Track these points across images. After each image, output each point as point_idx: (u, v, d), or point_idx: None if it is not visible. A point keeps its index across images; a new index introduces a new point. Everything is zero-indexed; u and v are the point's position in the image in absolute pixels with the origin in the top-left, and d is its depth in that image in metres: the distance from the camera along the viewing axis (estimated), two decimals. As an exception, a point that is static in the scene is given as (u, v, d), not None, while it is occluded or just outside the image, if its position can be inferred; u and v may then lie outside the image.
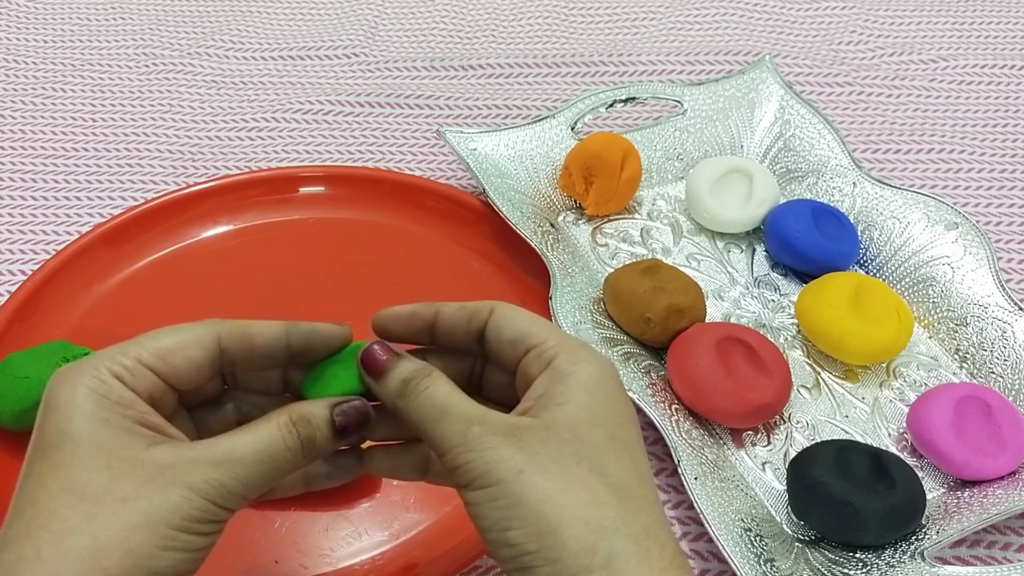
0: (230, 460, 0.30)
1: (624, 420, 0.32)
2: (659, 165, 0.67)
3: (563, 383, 0.31)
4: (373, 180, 0.65)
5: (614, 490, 0.29)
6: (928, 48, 0.82)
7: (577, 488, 0.29)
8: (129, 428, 0.29)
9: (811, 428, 0.52)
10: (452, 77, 0.78)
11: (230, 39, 0.81)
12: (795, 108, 0.67)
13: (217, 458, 0.30)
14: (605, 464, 0.30)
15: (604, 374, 0.32)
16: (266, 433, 0.31)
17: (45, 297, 0.56)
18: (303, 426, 0.31)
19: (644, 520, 0.29)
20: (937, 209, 0.60)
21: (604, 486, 0.29)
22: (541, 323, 0.34)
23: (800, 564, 0.45)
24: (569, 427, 0.30)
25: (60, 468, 0.28)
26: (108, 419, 0.29)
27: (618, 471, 0.30)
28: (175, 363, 0.31)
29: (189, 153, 0.71)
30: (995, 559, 0.48)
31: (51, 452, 0.29)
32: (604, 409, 0.31)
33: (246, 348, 0.33)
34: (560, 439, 0.30)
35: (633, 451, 0.31)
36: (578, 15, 0.85)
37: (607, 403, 0.31)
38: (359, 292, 0.59)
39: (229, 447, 0.30)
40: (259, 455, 0.30)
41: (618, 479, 0.30)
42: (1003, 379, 0.54)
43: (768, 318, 0.58)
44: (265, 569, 0.46)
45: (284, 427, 0.31)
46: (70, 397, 0.29)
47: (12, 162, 0.69)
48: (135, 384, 0.30)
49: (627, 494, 0.30)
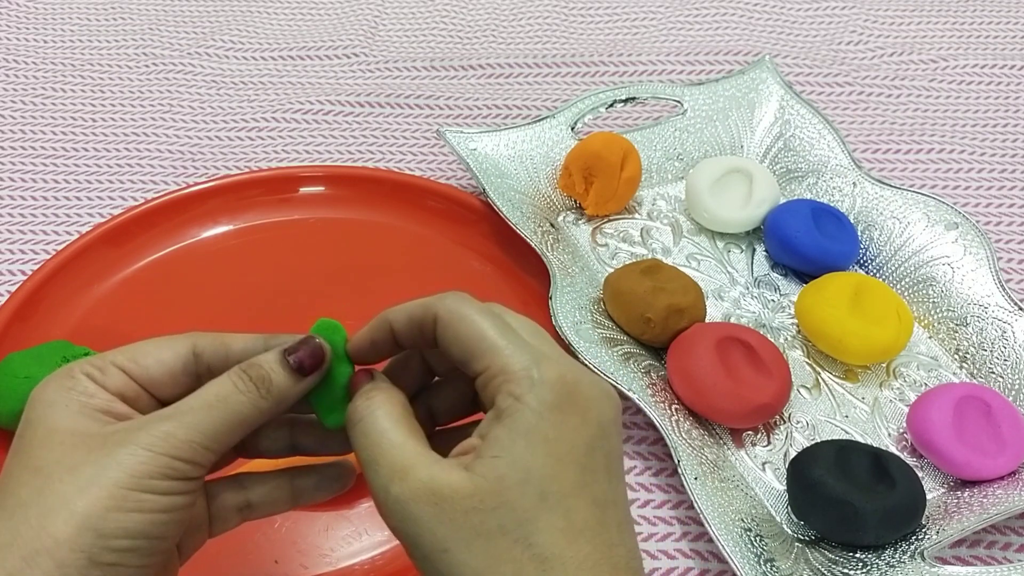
0: (178, 411, 0.30)
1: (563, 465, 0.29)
2: (659, 165, 0.67)
3: (502, 425, 0.29)
4: (373, 180, 0.65)
5: (539, 560, 0.28)
6: (928, 48, 0.82)
7: (504, 563, 0.28)
8: (91, 414, 0.30)
9: (811, 428, 0.52)
10: (452, 77, 0.78)
11: (230, 39, 0.81)
12: (795, 108, 0.67)
13: (166, 413, 0.30)
14: (531, 532, 0.28)
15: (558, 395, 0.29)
16: (216, 384, 0.31)
17: (45, 297, 0.56)
18: (253, 370, 0.31)
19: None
20: (937, 209, 0.60)
21: (529, 558, 0.28)
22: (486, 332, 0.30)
23: (800, 564, 0.45)
24: (496, 491, 0.28)
25: (20, 453, 0.29)
26: (69, 404, 0.30)
27: (546, 538, 0.28)
28: (146, 363, 0.32)
29: (189, 153, 0.71)
30: (995, 559, 0.48)
31: (17, 441, 0.30)
32: (539, 460, 0.29)
33: (221, 354, 0.33)
34: (485, 508, 0.28)
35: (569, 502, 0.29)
36: (578, 15, 0.85)
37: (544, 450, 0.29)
38: (359, 292, 0.59)
39: (180, 404, 0.30)
40: (208, 402, 0.30)
41: (545, 547, 0.28)
42: (1003, 379, 0.54)
43: (768, 318, 0.58)
44: (265, 569, 0.46)
45: (235, 374, 0.31)
46: (39, 393, 0.30)
47: (12, 162, 0.69)
48: (104, 381, 0.31)
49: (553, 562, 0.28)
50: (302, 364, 0.32)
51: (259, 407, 0.31)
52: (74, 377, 0.30)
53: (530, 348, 0.30)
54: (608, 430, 0.30)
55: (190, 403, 0.30)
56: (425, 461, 0.29)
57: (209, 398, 0.30)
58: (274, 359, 0.32)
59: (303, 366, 0.32)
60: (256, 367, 0.31)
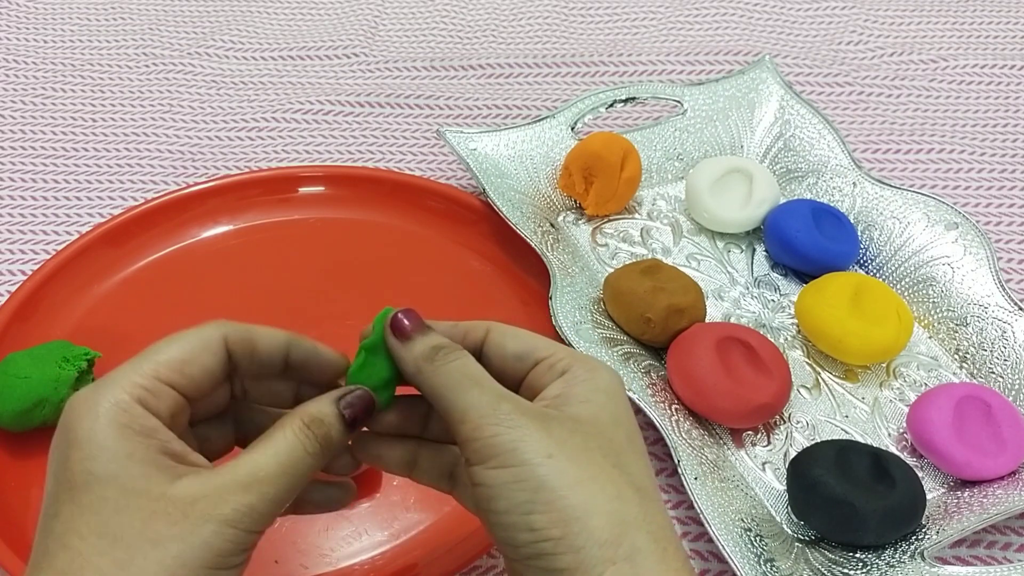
0: (257, 480, 0.29)
1: (637, 428, 0.33)
2: (659, 165, 0.67)
3: (582, 385, 0.32)
4: (373, 180, 0.65)
5: (635, 488, 0.30)
6: (928, 48, 0.82)
7: (603, 481, 0.29)
8: (154, 460, 0.28)
9: (811, 428, 0.52)
10: (452, 77, 0.78)
11: (230, 39, 0.81)
12: (795, 108, 0.67)
13: (244, 481, 0.29)
14: (627, 463, 0.30)
15: (619, 384, 0.33)
16: (285, 443, 0.30)
17: (45, 297, 0.56)
18: (317, 427, 0.31)
19: (660, 520, 0.30)
20: (937, 209, 0.60)
21: (627, 483, 0.30)
22: (544, 338, 0.34)
23: (800, 564, 0.45)
24: (593, 423, 0.31)
25: (89, 511, 0.27)
26: (133, 453, 0.28)
27: (638, 471, 0.31)
28: (193, 373, 0.31)
29: (189, 153, 0.71)
30: (995, 559, 0.48)
31: (78, 493, 0.28)
32: (623, 413, 0.32)
33: (247, 353, 0.32)
34: (586, 432, 0.30)
35: (646, 456, 0.32)
36: (578, 15, 0.85)
37: (624, 409, 0.32)
38: (359, 292, 0.59)
39: (253, 467, 0.29)
40: (283, 467, 0.30)
41: (638, 478, 0.30)
42: (1003, 379, 0.54)
43: (768, 318, 0.58)
44: (265, 569, 0.46)
45: (301, 432, 0.31)
46: (91, 431, 0.28)
47: (12, 162, 0.69)
48: (158, 407, 0.29)
49: (646, 494, 0.30)
50: (356, 418, 0.32)
51: (319, 466, 0.31)
52: (127, 411, 0.29)
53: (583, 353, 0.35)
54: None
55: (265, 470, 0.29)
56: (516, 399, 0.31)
57: (283, 463, 0.30)
58: (334, 416, 0.32)
59: (356, 420, 0.32)
60: (320, 424, 0.31)
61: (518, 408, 0.30)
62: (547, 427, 0.30)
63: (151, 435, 0.29)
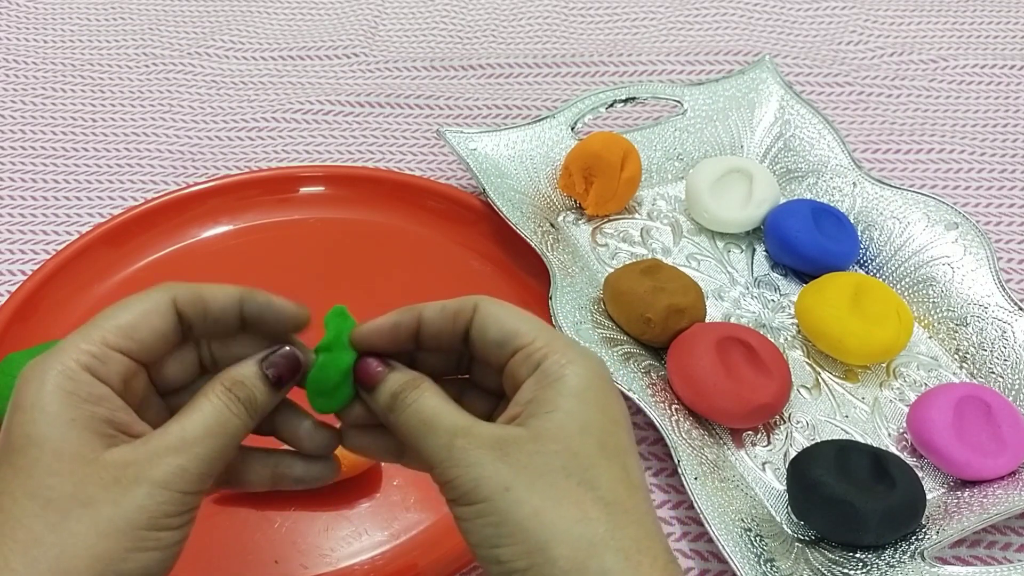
0: (186, 443, 0.29)
1: (615, 425, 0.31)
2: (659, 165, 0.67)
3: (552, 388, 0.30)
4: (373, 180, 0.65)
5: (603, 504, 0.29)
6: (928, 48, 0.82)
7: (566, 504, 0.28)
8: (96, 428, 0.29)
9: (811, 428, 0.52)
10: (452, 77, 0.78)
11: (230, 39, 0.81)
12: (795, 108, 0.67)
13: (174, 445, 0.29)
14: (595, 476, 0.29)
15: (595, 376, 0.31)
16: (210, 407, 0.31)
17: (45, 297, 0.56)
18: (239, 389, 0.31)
19: (634, 533, 0.29)
20: (937, 209, 0.60)
21: (593, 500, 0.29)
22: (528, 319, 0.32)
23: (800, 564, 0.45)
24: (557, 438, 0.30)
25: (23, 473, 0.28)
26: (75, 419, 0.28)
27: (608, 483, 0.29)
28: (142, 337, 0.31)
29: (189, 153, 0.71)
30: (995, 559, 0.48)
31: (15, 456, 0.28)
32: (594, 415, 0.30)
33: (200, 313, 0.32)
34: (548, 451, 0.29)
35: (624, 458, 0.30)
36: (578, 15, 0.85)
37: (597, 408, 0.31)
38: (359, 292, 0.59)
39: (181, 431, 0.30)
40: (210, 429, 0.30)
41: (608, 491, 0.29)
42: (1003, 379, 0.54)
43: (768, 318, 0.58)
44: (265, 569, 0.46)
45: (224, 395, 0.31)
46: (36, 397, 0.29)
47: (12, 162, 0.69)
48: (106, 373, 0.30)
49: (617, 507, 0.29)
50: (280, 378, 0.32)
51: (247, 425, 0.31)
52: (74, 378, 0.29)
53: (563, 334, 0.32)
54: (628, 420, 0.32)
55: (193, 431, 0.30)
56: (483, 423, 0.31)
57: (210, 425, 0.30)
58: (255, 375, 0.32)
59: (281, 379, 0.32)
60: (242, 387, 0.31)
61: (473, 442, 0.30)
62: (505, 455, 0.29)
63: (98, 402, 0.29)
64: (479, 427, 0.30)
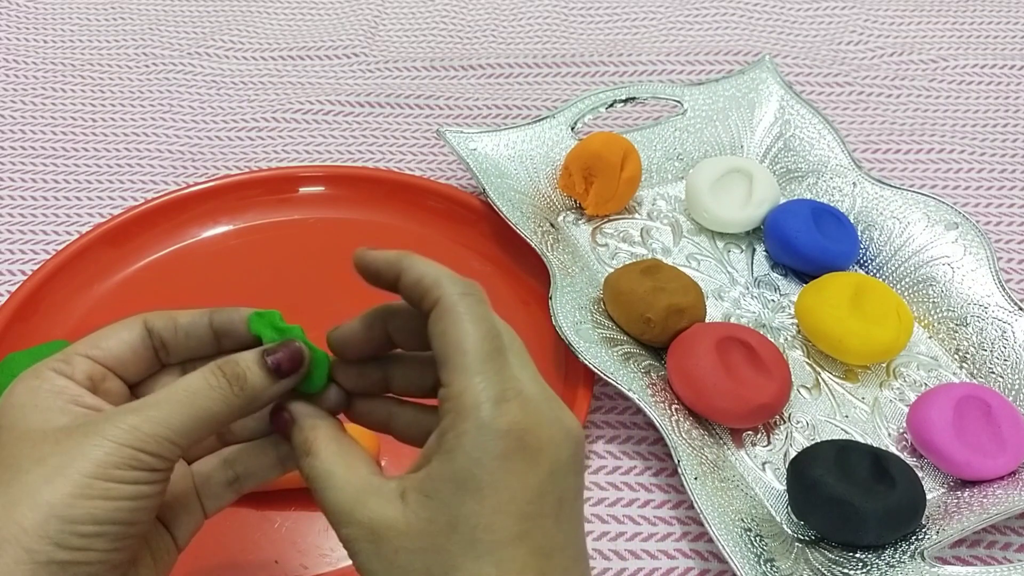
0: (145, 405, 0.30)
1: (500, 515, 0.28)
2: (659, 165, 0.67)
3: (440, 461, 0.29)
4: (373, 180, 0.65)
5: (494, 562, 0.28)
6: (928, 48, 0.82)
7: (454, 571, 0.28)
8: (60, 407, 0.30)
9: (811, 428, 0.52)
10: (452, 77, 0.78)
11: (230, 39, 0.81)
12: (795, 108, 0.67)
13: (134, 407, 0.30)
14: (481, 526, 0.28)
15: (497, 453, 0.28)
16: (189, 379, 0.31)
17: (45, 297, 0.56)
18: (228, 366, 0.31)
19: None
20: (937, 209, 0.60)
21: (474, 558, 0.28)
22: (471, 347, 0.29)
23: (800, 564, 0.45)
24: (425, 533, 0.28)
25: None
26: (38, 404, 0.30)
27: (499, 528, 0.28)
28: (107, 345, 0.33)
29: (189, 153, 0.71)
30: (995, 559, 0.48)
31: None
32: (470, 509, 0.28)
33: (170, 327, 0.34)
34: (413, 549, 0.28)
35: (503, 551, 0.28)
36: (578, 15, 0.85)
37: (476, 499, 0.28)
38: (359, 292, 0.58)
39: (149, 396, 0.31)
40: (177, 397, 0.30)
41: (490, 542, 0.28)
42: (1003, 379, 0.54)
43: (768, 318, 0.58)
44: (265, 569, 0.46)
45: (207, 370, 0.31)
46: (9, 396, 0.31)
47: (12, 162, 0.69)
48: (72, 372, 0.31)
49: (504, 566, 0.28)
50: (279, 366, 0.32)
51: (230, 404, 0.31)
52: (41, 376, 0.31)
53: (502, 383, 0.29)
54: (562, 471, 0.29)
55: (158, 397, 0.31)
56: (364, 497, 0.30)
57: (179, 393, 0.31)
58: (252, 358, 0.32)
59: (280, 368, 0.32)
60: (231, 364, 0.32)
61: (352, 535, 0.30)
62: (377, 551, 0.29)
63: (61, 391, 0.31)
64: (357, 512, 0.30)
